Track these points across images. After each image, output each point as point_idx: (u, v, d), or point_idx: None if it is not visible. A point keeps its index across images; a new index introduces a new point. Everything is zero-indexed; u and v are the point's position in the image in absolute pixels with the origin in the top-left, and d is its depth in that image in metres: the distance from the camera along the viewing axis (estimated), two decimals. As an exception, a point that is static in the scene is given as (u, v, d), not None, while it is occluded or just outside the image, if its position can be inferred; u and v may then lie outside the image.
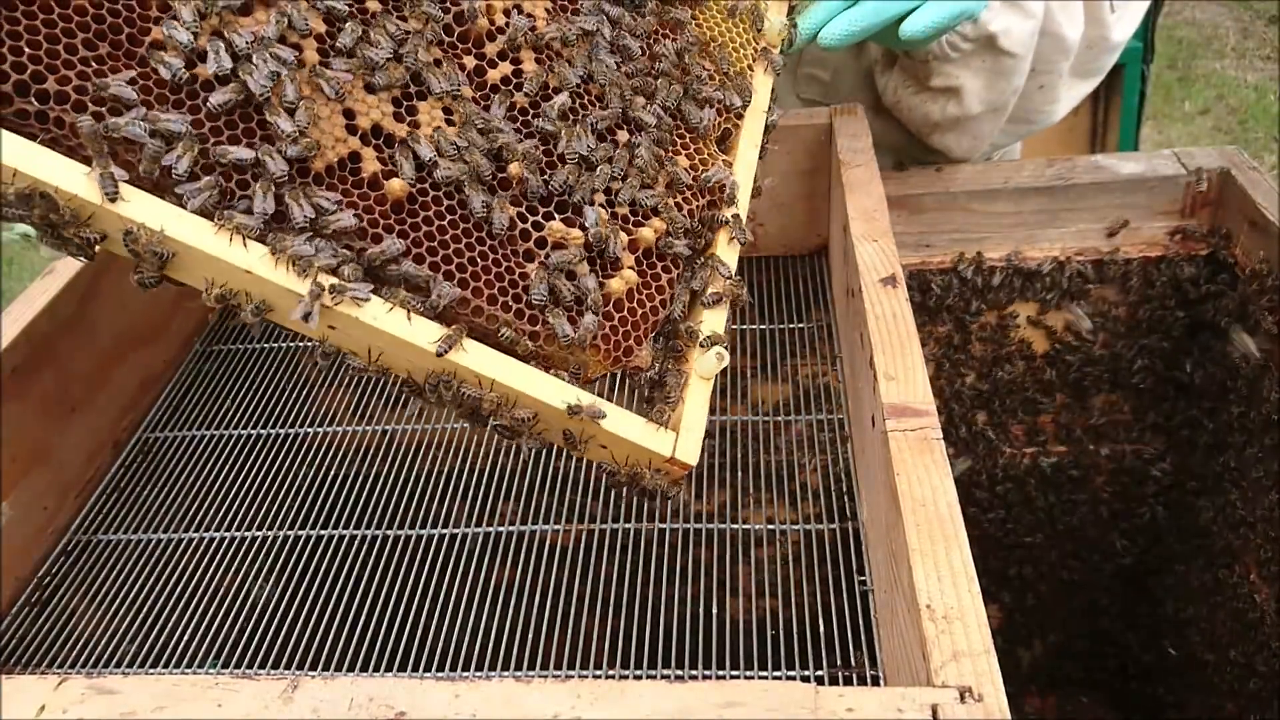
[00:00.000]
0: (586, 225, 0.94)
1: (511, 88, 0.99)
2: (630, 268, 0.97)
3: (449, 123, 0.96)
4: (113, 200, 0.80)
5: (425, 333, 0.86)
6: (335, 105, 0.91)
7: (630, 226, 0.98)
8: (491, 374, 0.87)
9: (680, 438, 0.92)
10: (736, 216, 1.04)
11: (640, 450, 0.91)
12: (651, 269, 0.99)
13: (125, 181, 0.81)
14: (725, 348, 0.95)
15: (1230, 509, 1.57)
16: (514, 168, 0.94)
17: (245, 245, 0.83)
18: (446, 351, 0.86)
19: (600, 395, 0.90)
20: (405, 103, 0.95)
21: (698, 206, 1.02)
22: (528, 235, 0.94)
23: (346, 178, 0.90)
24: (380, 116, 0.93)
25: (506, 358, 0.88)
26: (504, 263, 0.92)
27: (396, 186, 0.90)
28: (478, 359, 0.87)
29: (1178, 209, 1.55)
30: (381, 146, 0.92)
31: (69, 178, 0.79)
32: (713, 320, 0.99)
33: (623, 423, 0.90)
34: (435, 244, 0.90)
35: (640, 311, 0.96)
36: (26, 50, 0.82)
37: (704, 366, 0.95)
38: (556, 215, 0.95)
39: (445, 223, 0.91)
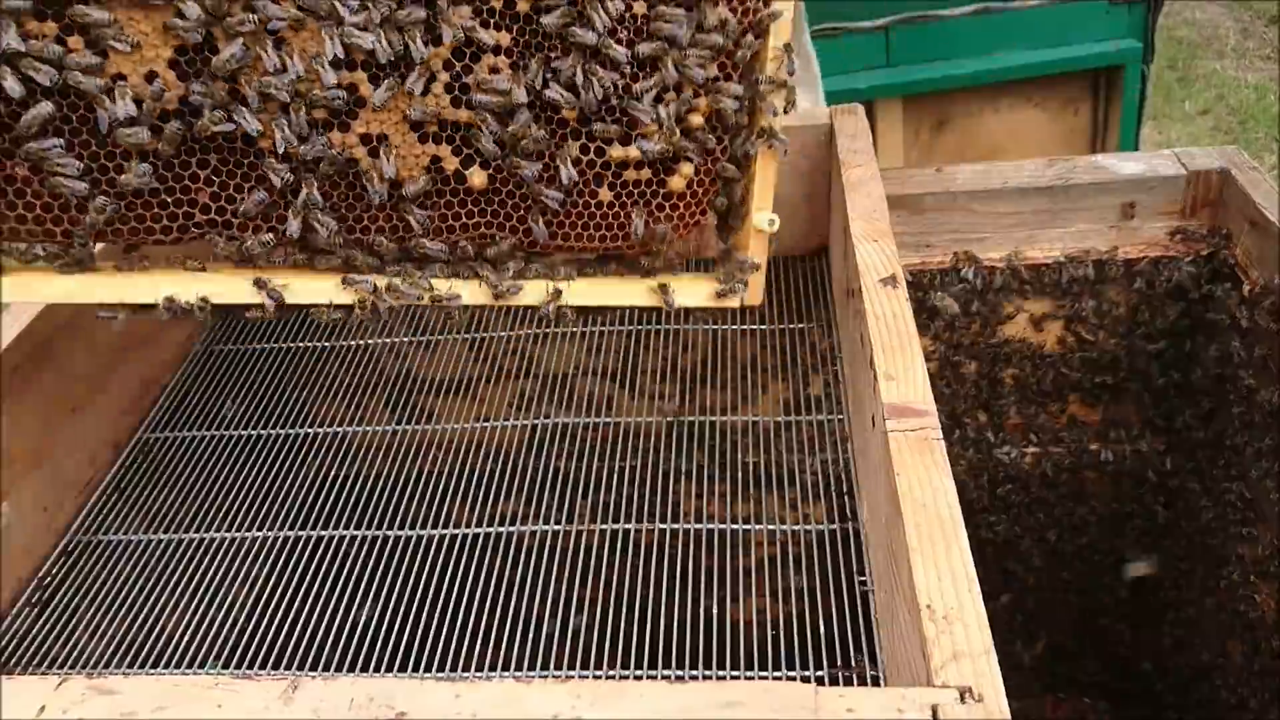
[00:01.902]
0: (645, 149, 1.04)
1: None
2: (686, 159, 1.07)
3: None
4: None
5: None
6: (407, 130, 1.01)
7: (683, 114, 1.05)
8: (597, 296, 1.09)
9: (749, 287, 1.13)
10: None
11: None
12: (705, 147, 1.07)
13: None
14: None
15: (1230, 509, 1.57)
16: (567, 111, 1.02)
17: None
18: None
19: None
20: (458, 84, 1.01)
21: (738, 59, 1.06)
22: (593, 164, 1.06)
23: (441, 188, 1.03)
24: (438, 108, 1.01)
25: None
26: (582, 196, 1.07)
27: (478, 180, 1.03)
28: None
29: (1178, 209, 1.55)
30: (453, 138, 1.02)
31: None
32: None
33: (700, 287, 1.13)
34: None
35: (703, 184, 1.09)
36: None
37: (759, 221, 1.10)
38: (616, 138, 1.05)
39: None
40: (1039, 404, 1.73)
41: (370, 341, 1.55)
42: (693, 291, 1.13)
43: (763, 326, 1.48)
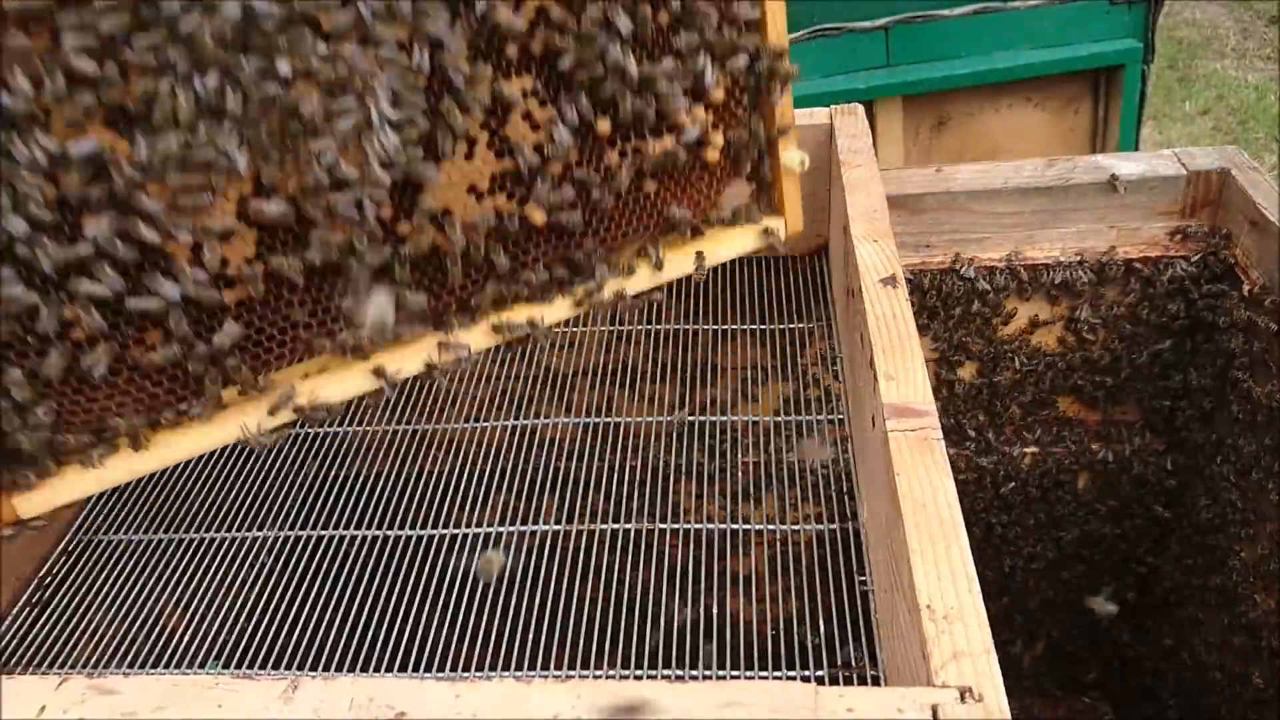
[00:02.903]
0: (683, 140, 1.10)
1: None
2: (715, 131, 1.13)
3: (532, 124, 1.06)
4: None
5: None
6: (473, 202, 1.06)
7: (701, 94, 1.10)
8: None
9: (787, 219, 1.21)
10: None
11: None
12: (729, 115, 1.14)
13: None
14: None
15: (1230, 509, 1.57)
16: (602, 126, 1.07)
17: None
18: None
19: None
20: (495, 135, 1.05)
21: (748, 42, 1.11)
22: (634, 165, 1.11)
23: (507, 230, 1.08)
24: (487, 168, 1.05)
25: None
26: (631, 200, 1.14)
27: (537, 216, 1.08)
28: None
29: (1178, 209, 1.55)
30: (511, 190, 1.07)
31: None
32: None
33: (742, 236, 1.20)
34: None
35: (735, 145, 1.15)
36: None
37: (790, 160, 1.16)
38: (649, 135, 1.10)
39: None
40: (1039, 404, 1.73)
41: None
42: (730, 243, 1.20)
43: (763, 326, 1.48)
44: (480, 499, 1.27)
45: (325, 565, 1.22)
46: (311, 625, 1.14)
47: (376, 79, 0.96)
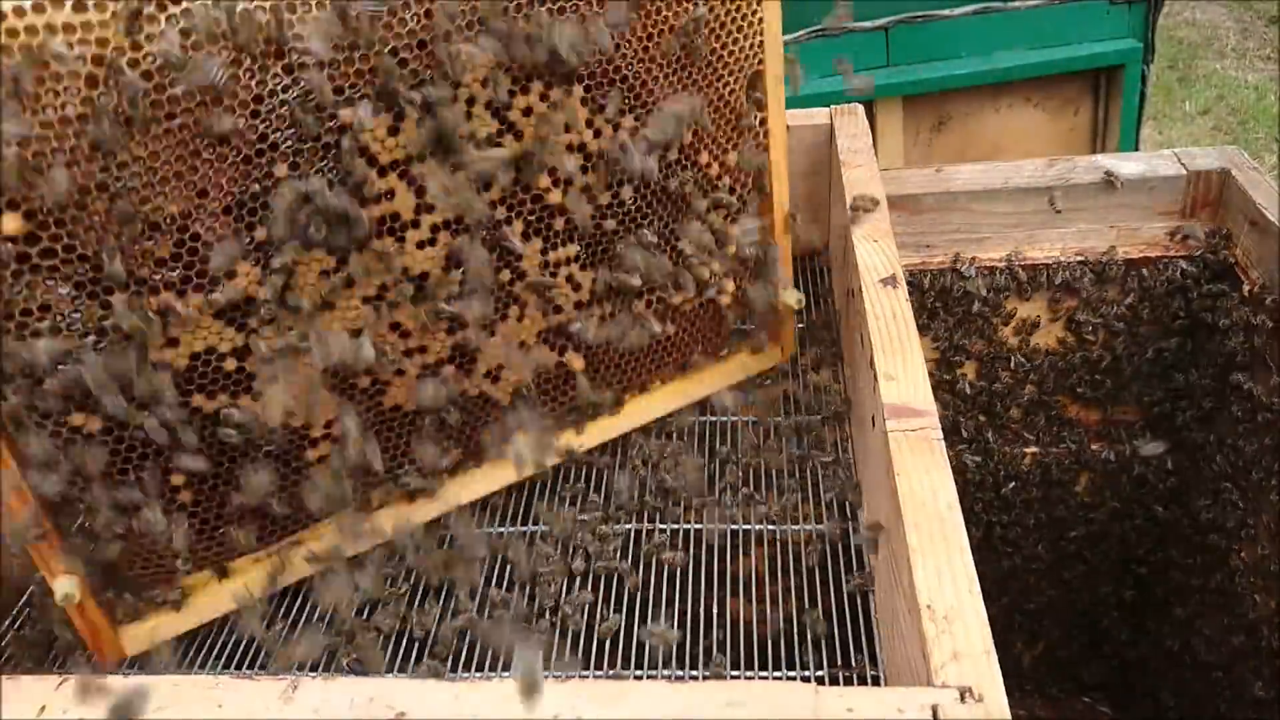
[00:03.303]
0: (708, 294, 1.24)
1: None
2: (728, 278, 1.26)
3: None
4: None
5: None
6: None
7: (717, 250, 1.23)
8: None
9: (784, 347, 1.37)
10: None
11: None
12: (739, 264, 1.26)
13: None
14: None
15: (1230, 509, 1.57)
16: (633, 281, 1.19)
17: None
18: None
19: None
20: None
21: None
22: (658, 312, 1.23)
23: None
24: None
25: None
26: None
27: (578, 364, 1.20)
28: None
29: (1178, 209, 1.55)
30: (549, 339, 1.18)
31: None
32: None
33: (748, 363, 1.36)
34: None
35: (743, 288, 1.28)
36: None
37: (788, 298, 1.28)
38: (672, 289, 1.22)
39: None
40: (1039, 404, 1.73)
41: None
42: (727, 371, 1.33)
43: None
44: (480, 499, 1.26)
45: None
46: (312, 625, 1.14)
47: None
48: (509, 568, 1.16)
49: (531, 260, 1.11)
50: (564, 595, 1.12)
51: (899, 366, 1.02)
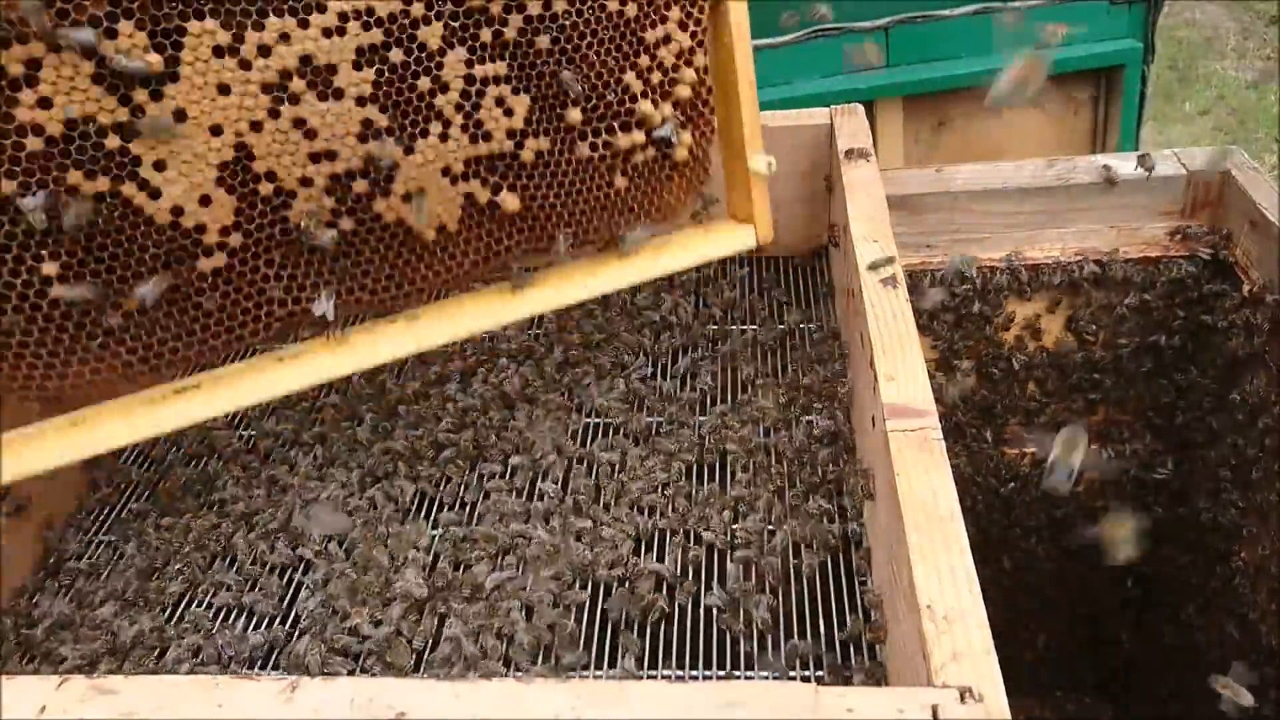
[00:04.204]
0: (659, 135, 1.15)
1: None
2: (685, 130, 1.18)
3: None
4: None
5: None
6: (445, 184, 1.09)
7: (668, 90, 1.16)
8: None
9: (758, 227, 1.27)
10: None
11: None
12: (696, 113, 1.18)
13: None
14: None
15: (1230, 509, 1.57)
16: (573, 114, 1.11)
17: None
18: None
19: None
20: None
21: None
22: (604, 158, 1.15)
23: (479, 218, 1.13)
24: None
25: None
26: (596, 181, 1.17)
27: (512, 204, 1.12)
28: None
29: (1178, 209, 1.55)
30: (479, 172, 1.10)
31: None
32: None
33: (715, 240, 1.27)
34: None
35: (703, 146, 1.20)
36: None
37: (756, 164, 1.21)
38: (619, 130, 1.14)
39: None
40: (1039, 404, 1.73)
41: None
42: (697, 249, 1.25)
43: (760, 326, 1.48)
44: (480, 499, 1.26)
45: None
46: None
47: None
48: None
49: (454, 71, 1.04)
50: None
51: (899, 366, 1.02)
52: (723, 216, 1.32)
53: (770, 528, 1.15)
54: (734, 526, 1.15)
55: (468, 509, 1.22)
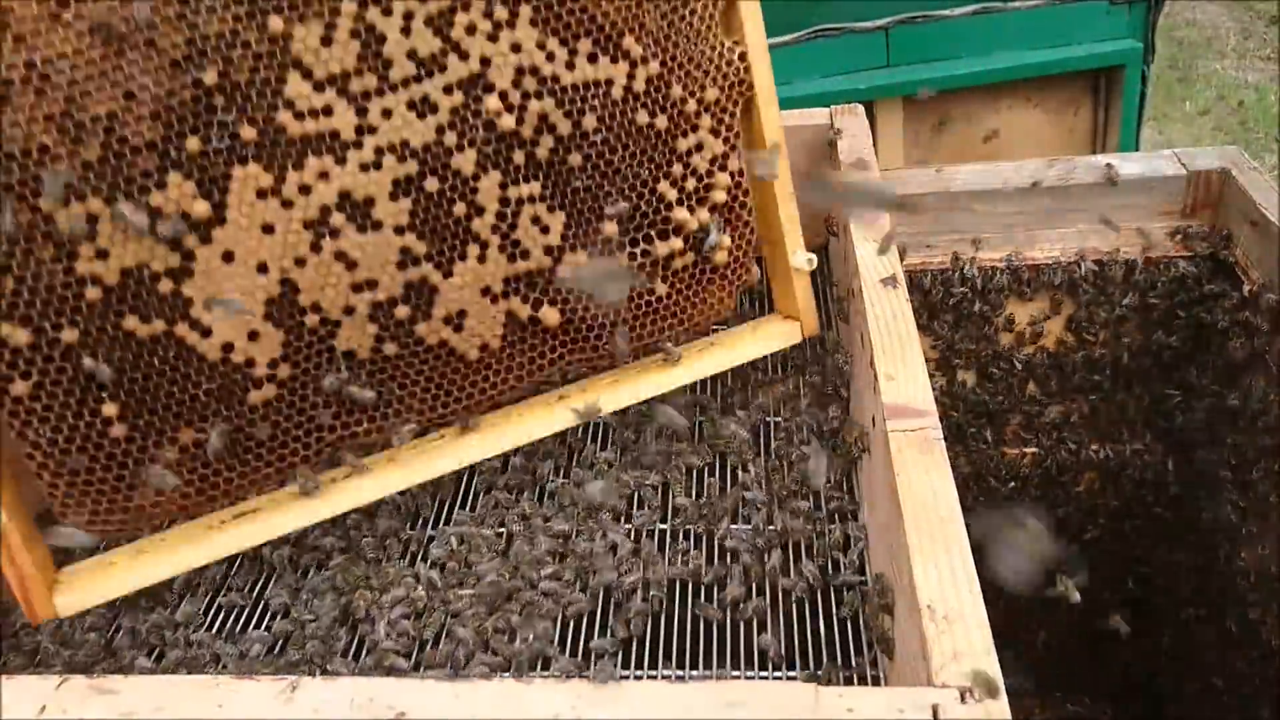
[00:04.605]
0: (709, 242, 1.17)
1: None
2: (723, 233, 1.19)
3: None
4: None
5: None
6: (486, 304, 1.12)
7: (704, 195, 1.17)
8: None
9: (804, 321, 1.28)
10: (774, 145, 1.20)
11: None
12: (734, 216, 1.20)
13: None
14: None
15: (1230, 509, 1.57)
16: (609, 227, 1.13)
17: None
18: None
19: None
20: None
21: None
22: (643, 266, 1.17)
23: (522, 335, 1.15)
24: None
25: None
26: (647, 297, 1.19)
27: (552, 318, 1.14)
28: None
29: (1178, 209, 1.55)
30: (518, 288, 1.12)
31: None
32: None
33: (763, 338, 1.28)
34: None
35: (743, 248, 1.22)
36: None
37: (797, 261, 1.24)
38: (656, 238, 1.16)
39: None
40: (1039, 404, 1.73)
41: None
42: (747, 347, 1.28)
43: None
44: (480, 499, 1.26)
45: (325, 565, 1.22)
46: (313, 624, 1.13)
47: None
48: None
49: (489, 195, 1.06)
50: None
51: (899, 366, 1.02)
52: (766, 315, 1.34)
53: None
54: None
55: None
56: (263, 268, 1.01)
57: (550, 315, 1.13)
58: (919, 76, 2.39)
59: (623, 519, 1.17)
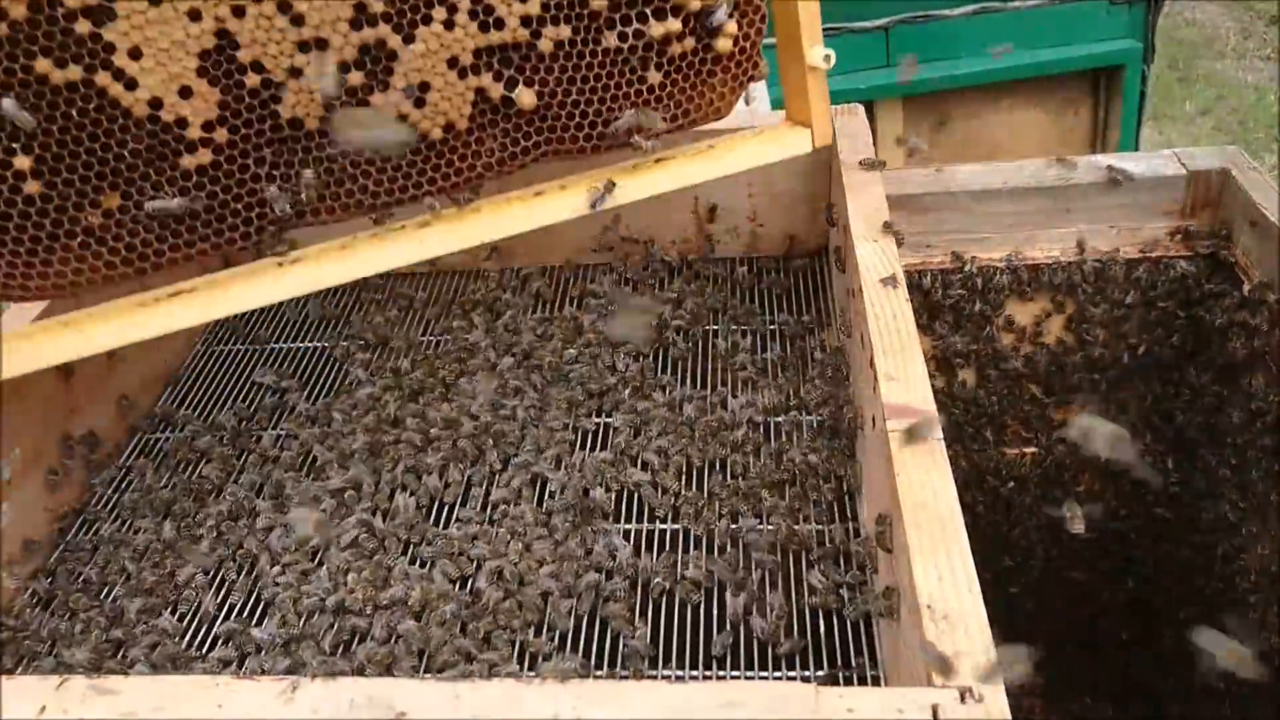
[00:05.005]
0: (715, 20, 1.03)
1: None
2: (731, 17, 1.07)
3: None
4: None
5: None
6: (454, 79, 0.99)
7: None
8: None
9: (815, 130, 1.17)
10: None
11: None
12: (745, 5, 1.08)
13: None
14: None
15: (1230, 509, 1.57)
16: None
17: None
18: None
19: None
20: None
21: None
22: (635, 49, 1.03)
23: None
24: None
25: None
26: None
27: (527, 99, 1.01)
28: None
29: (1178, 209, 1.55)
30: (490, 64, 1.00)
31: None
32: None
33: (767, 143, 1.16)
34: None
35: (750, 37, 1.09)
36: None
37: (814, 58, 1.12)
38: (651, 16, 1.03)
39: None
40: (1039, 404, 1.72)
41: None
42: (747, 150, 1.15)
43: (761, 327, 1.48)
44: (479, 499, 1.26)
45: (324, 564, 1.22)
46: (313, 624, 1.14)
47: None
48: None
49: None
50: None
51: (899, 366, 1.02)
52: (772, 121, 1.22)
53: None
54: None
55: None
56: (195, 14, 0.91)
57: (526, 97, 1.02)
58: (919, 76, 2.39)
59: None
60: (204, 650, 1.09)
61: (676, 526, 1.18)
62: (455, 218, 1.07)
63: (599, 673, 1.03)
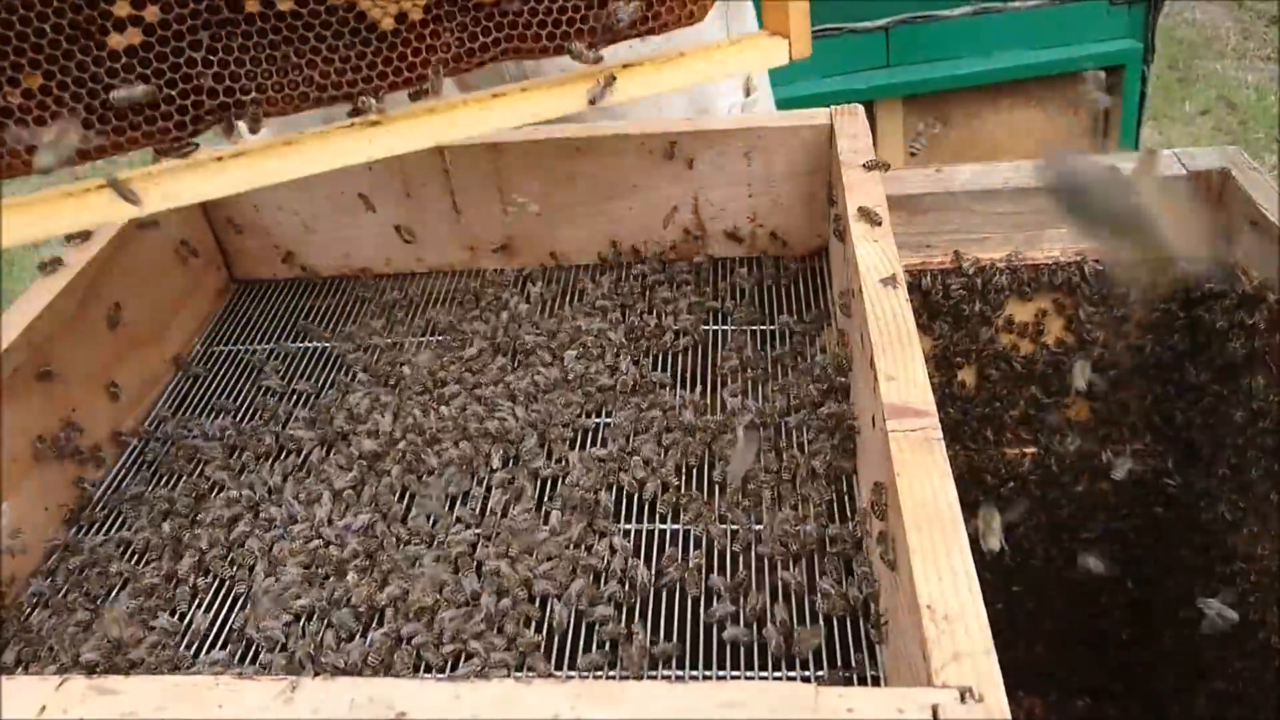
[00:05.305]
0: None
1: None
2: None
3: None
4: None
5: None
6: None
7: None
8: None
9: (793, 41, 1.13)
10: None
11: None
12: None
13: None
14: None
15: (1230, 509, 1.57)
16: None
17: None
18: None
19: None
20: None
21: None
22: None
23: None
24: None
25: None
26: None
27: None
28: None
29: (1178, 209, 1.55)
30: None
31: None
32: None
33: (743, 52, 1.13)
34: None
35: None
36: None
37: None
38: None
39: None
40: (1038, 404, 1.72)
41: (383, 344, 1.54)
42: (721, 59, 1.13)
43: (761, 327, 1.48)
44: (480, 499, 1.26)
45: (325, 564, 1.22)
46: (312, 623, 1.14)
47: None
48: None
49: None
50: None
51: (899, 366, 1.02)
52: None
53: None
54: None
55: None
56: None
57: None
58: (919, 76, 2.39)
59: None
60: (204, 650, 1.09)
61: (677, 526, 1.18)
62: (408, 116, 1.01)
63: (599, 673, 1.03)
